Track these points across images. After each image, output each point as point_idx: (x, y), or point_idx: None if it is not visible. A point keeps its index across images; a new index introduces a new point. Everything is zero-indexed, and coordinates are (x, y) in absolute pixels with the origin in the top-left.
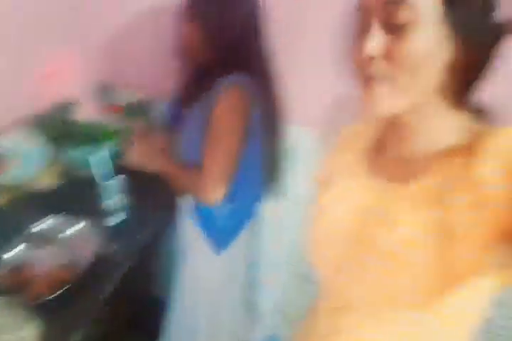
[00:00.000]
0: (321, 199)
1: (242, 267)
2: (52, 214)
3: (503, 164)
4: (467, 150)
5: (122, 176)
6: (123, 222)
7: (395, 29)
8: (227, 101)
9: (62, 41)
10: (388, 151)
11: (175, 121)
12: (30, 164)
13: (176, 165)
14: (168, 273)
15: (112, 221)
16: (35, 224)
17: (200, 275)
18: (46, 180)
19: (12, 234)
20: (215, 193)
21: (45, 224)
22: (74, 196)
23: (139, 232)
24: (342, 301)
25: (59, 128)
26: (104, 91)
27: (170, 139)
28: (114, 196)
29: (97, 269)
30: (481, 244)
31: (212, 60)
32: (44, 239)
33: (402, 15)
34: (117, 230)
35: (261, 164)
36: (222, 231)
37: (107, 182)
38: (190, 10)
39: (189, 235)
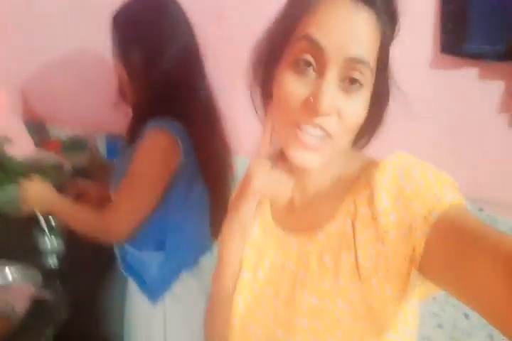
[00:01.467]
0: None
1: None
2: None
3: (387, 194)
4: (360, 186)
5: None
6: (59, 264)
7: (347, 88)
8: (149, 144)
9: None
10: (289, 201)
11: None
12: None
13: (72, 205)
14: (115, 316)
15: (50, 261)
16: None
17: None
18: None
19: None
20: (115, 230)
21: None
22: (9, 239)
23: (76, 275)
24: None
25: None
26: (38, 127)
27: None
28: (49, 236)
29: (33, 318)
30: (395, 276)
31: (141, 101)
32: None
33: (361, 76)
34: (53, 273)
35: (204, 215)
36: (153, 281)
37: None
38: (116, 51)
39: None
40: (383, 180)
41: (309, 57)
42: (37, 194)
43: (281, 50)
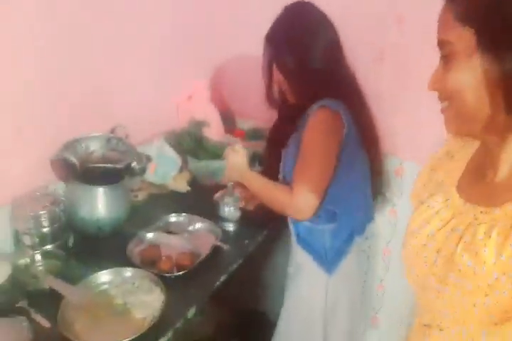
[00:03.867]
0: (413, 217)
1: (351, 292)
2: (182, 212)
3: None
4: None
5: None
6: (235, 229)
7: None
8: (316, 120)
9: (195, 72)
10: (479, 175)
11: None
12: (167, 169)
13: (265, 180)
14: (275, 291)
15: (226, 226)
16: (170, 216)
17: (305, 299)
18: (178, 185)
19: (152, 221)
20: (303, 209)
21: (176, 217)
22: (199, 200)
23: (247, 239)
24: (429, 318)
25: (192, 143)
26: (228, 117)
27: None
28: (230, 206)
29: (212, 261)
30: None
31: (301, 98)
32: (176, 228)
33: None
34: (229, 235)
35: (367, 183)
36: (329, 252)
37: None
38: (270, 58)
39: (298, 255)
40: None
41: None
42: (237, 164)
43: None
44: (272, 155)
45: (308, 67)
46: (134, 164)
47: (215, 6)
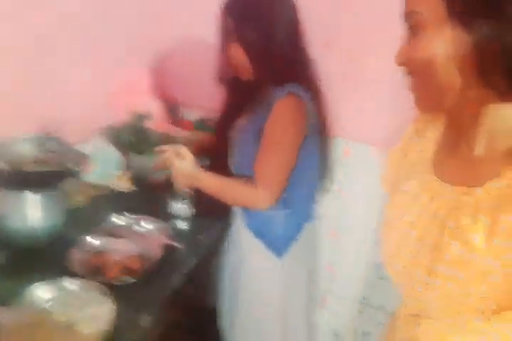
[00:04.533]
0: (389, 206)
1: (303, 274)
2: (128, 212)
3: None
4: None
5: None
6: (187, 226)
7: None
8: (283, 108)
9: (135, 59)
10: (453, 153)
11: (221, 136)
12: (108, 168)
13: (222, 180)
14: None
15: (178, 224)
16: (112, 217)
17: (259, 286)
18: (121, 184)
19: (93, 225)
20: (268, 198)
21: (121, 218)
22: (146, 199)
23: (200, 235)
24: (417, 309)
25: (133, 137)
26: (172, 107)
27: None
28: (180, 202)
29: (164, 264)
30: None
31: (261, 75)
32: (122, 230)
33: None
34: (181, 233)
35: (316, 168)
36: (280, 237)
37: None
38: (230, 31)
39: (244, 244)
40: None
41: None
42: (186, 169)
43: None
44: (221, 142)
45: (273, 42)
46: (70, 165)
47: None
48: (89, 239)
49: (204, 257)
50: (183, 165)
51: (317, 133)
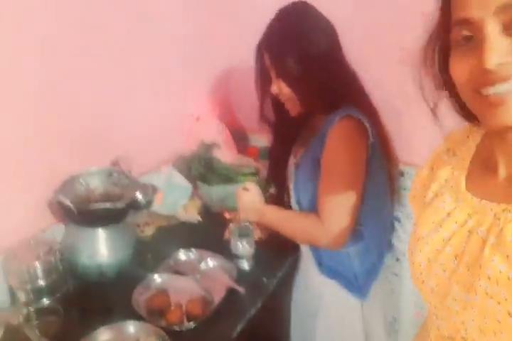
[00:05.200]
0: (420, 221)
1: (380, 319)
2: (192, 247)
3: None
4: None
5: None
6: (250, 266)
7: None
8: (340, 132)
9: (204, 90)
10: (491, 169)
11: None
12: (177, 198)
13: (286, 213)
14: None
15: (241, 264)
16: (179, 253)
17: (335, 330)
18: (188, 214)
19: (160, 259)
20: (338, 237)
21: (186, 254)
22: (212, 231)
23: (265, 277)
24: (452, 330)
25: (202, 167)
26: (239, 135)
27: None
28: (243, 241)
29: (227, 308)
30: None
31: (311, 107)
32: (187, 267)
33: None
34: (245, 273)
35: (388, 193)
36: (359, 276)
37: (238, 226)
38: (270, 67)
39: (321, 286)
40: None
41: (466, 32)
42: (252, 203)
43: (445, 45)
44: (276, 178)
45: (315, 71)
46: (138, 198)
47: (209, 18)
48: (154, 276)
49: (268, 302)
50: (248, 197)
51: (380, 154)
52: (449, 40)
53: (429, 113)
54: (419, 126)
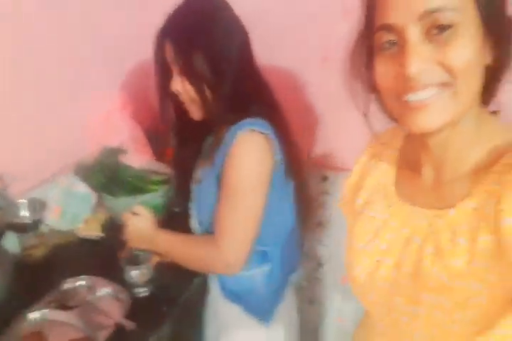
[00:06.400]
0: (354, 231)
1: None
2: (85, 272)
3: None
4: (504, 166)
5: None
6: (146, 293)
7: (439, 37)
8: (243, 149)
9: (110, 87)
10: (418, 172)
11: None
12: (78, 210)
13: (181, 239)
14: None
15: (137, 292)
16: (65, 283)
17: None
18: (89, 229)
19: (42, 291)
20: (235, 261)
21: (74, 283)
22: (115, 249)
23: (166, 304)
24: (400, 337)
25: (106, 175)
26: (159, 136)
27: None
28: (138, 268)
29: None
30: None
31: (219, 109)
32: (73, 298)
33: (447, 19)
34: (142, 302)
35: (294, 211)
36: (264, 299)
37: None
38: (172, 61)
39: (222, 313)
40: None
41: (390, 37)
42: (142, 230)
43: (370, 49)
44: (182, 193)
45: (225, 73)
46: (19, 219)
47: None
48: (29, 312)
49: (170, 333)
50: (138, 224)
51: (289, 170)
52: (373, 45)
53: (352, 116)
54: (342, 129)
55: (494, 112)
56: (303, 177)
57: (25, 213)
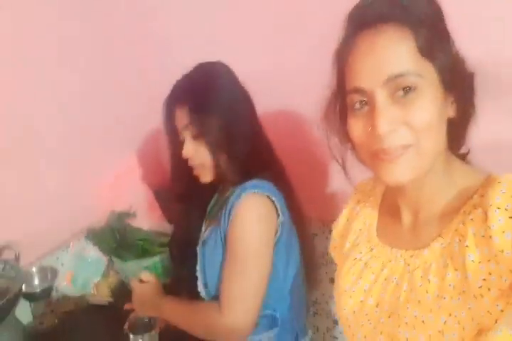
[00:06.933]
0: (342, 274)
1: None
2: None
3: (502, 213)
4: (471, 206)
5: None
6: None
7: (404, 99)
8: (244, 210)
9: (118, 152)
10: (397, 216)
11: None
12: (89, 275)
13: (186, 306)
14: None
15: None
16: None
17: None
18: (99, 294)
19: None
20: (240, 328)
21: None
22: (117, 318)
23: None
24: None
25: (115, 239)
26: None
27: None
28: (144, 336)
29: None
30: (509, 293)
31: (228, 174)
32: None
33: (409, 82)
34: None
35: (301, 272)
36: None
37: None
38: (189, 125)
39: None
40: (497, 198)
41: (361, 98)
42: (147, 297)
43: (344, 108)
44: (184, 256)
45: (238, 136)
46: (30, 288)
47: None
48: None
49: None
50: (144, 290)
51: (294, 230)
52: (346, 104)
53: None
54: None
55: (463, 154)
56: (308, 237)
57: (37, 281)
